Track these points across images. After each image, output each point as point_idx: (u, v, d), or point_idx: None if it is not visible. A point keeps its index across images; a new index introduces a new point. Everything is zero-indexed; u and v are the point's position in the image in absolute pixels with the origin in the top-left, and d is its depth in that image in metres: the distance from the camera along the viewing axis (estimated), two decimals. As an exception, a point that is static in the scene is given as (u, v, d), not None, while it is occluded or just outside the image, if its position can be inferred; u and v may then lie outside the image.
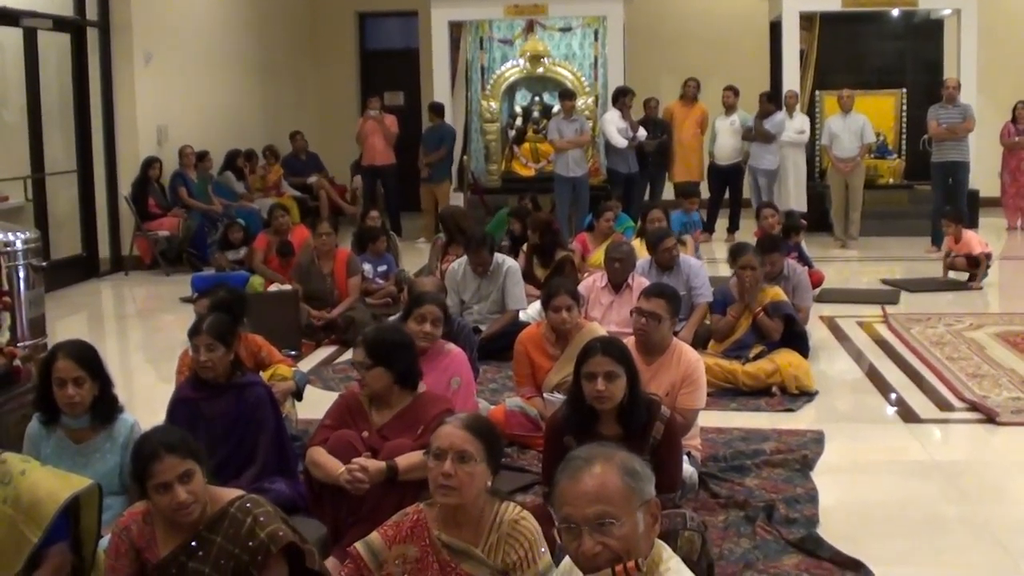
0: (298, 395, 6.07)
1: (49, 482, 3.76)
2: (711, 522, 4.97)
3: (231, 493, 3.64)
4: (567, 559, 2.62)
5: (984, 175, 14.51)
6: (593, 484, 2.46)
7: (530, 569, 3.36)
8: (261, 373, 5.87)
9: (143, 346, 9.68)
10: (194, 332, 5.11)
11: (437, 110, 14.90)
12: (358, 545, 3.48)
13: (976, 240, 11.12)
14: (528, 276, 9.02)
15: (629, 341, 5.30)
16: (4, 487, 3.68)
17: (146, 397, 6.29)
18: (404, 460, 4.51)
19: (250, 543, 3.48)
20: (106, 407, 4.51)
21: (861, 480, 5.84)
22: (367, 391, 4.75)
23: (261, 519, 3.52)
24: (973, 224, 13.41)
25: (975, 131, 13.19)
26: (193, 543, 3.50)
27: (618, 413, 4.51)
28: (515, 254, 9.68)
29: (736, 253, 7.72)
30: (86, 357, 4.45)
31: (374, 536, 3.48)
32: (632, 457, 2.56)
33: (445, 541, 3.41)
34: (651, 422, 4.53)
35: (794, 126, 14.11)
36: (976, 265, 10.93)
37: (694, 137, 14.59)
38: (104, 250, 12.88)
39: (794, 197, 14.13)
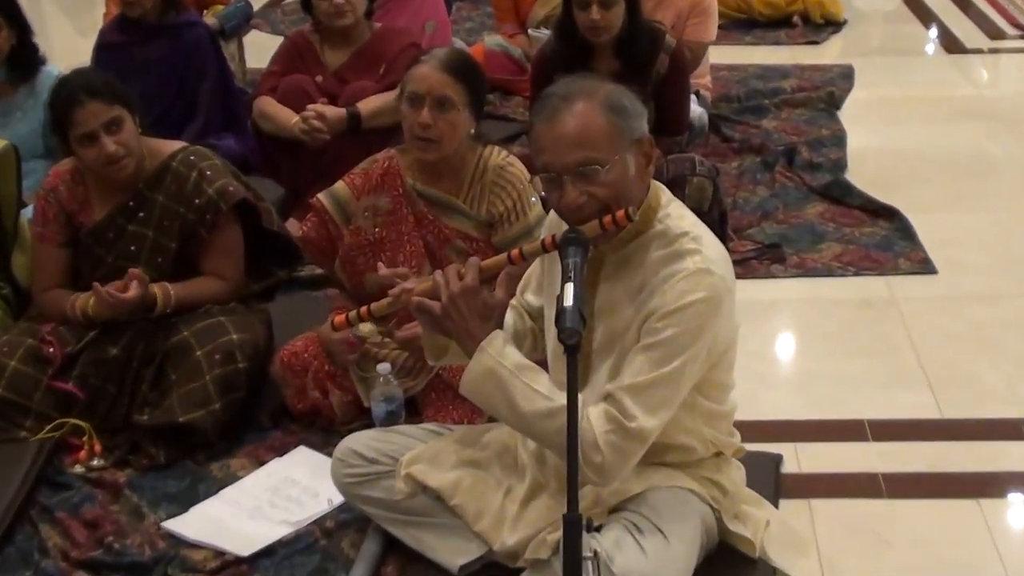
0: (222, 33, 5.87)
1: (-45, 143, 3.72)
2: (724, 169, 4.98)
3: (172, 146, 3.58)
4: (554, 211, 2.60)
5: None
6: (573, 126, 2.37)
7: (519, 221, 3.35)
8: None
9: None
10: None
11: None
12: (321, 196, 3.44)
13: None
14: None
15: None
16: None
17: (65, 52, 6.16)
18: (367, 105, 4.47)
19: (196, 200, 3.45)
20: (26, 56, 4.38)
21: (896, 120, 5.83)
22: (347, 20, 4.61)
23: (208, 173, 3.48)
24: None
25: None
26: (131, 203, 3.46)
27: (616, 45, 4.41)
28: None
29: None
30: None
31: (339, 186, 3.45)
32: (619, 90, 2.46)
33: (421, 191, 3.38)
34: (654, 55, 4.44)
35: None
36: None
37: None
38: None
39: None
